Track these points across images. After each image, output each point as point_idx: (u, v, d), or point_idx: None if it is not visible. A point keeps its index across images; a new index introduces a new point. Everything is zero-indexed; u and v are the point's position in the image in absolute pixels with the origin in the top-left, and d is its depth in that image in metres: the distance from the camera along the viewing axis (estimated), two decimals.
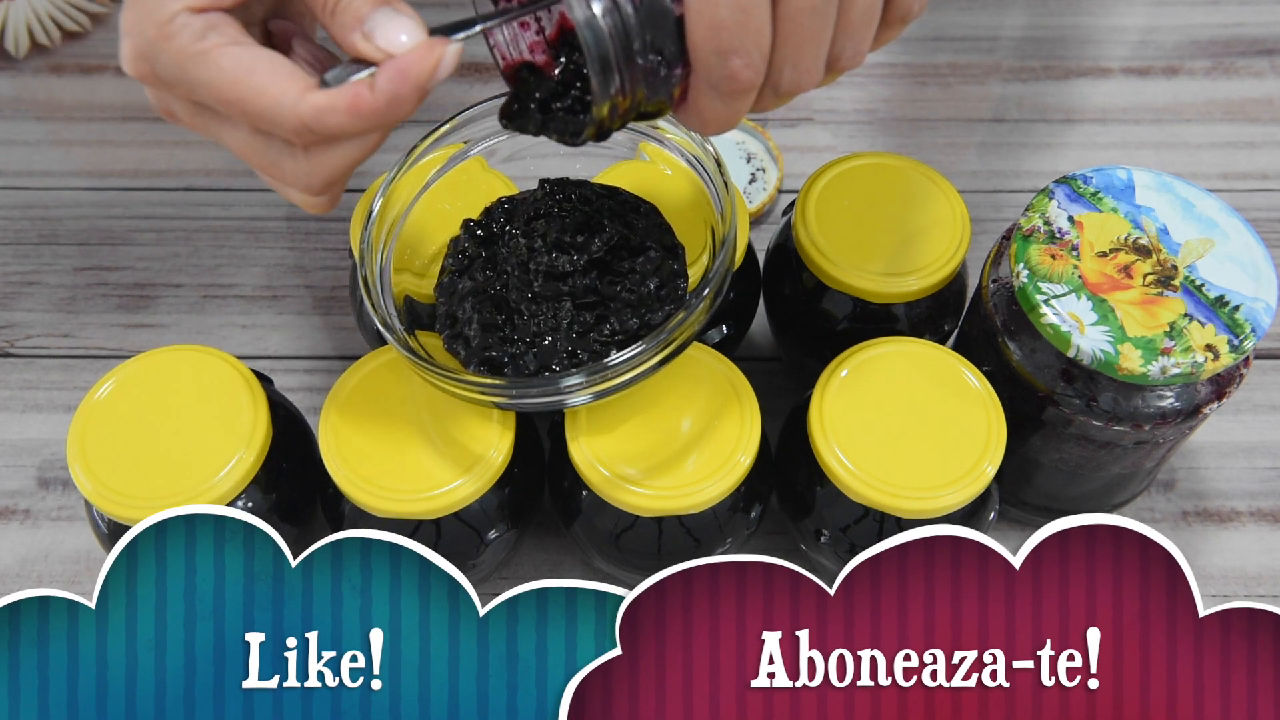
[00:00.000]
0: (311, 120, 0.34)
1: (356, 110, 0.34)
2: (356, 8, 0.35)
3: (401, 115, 0.35)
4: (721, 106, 0.35)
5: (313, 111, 0.34)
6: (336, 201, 0.39)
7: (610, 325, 0.44)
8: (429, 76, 0.34)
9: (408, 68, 0.34)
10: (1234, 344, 0.42)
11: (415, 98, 0.35)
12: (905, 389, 0.46)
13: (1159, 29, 0.75)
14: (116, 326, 0.62)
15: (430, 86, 0.35)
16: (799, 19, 0.33)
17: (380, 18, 0.35)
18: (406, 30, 0.35)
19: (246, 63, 0.34)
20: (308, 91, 0.34)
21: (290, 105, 0.34)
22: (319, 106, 0.34)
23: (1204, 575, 0.54)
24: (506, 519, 0.47)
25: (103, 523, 0.46)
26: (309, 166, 0.37)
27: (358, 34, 0.35)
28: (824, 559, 0.48)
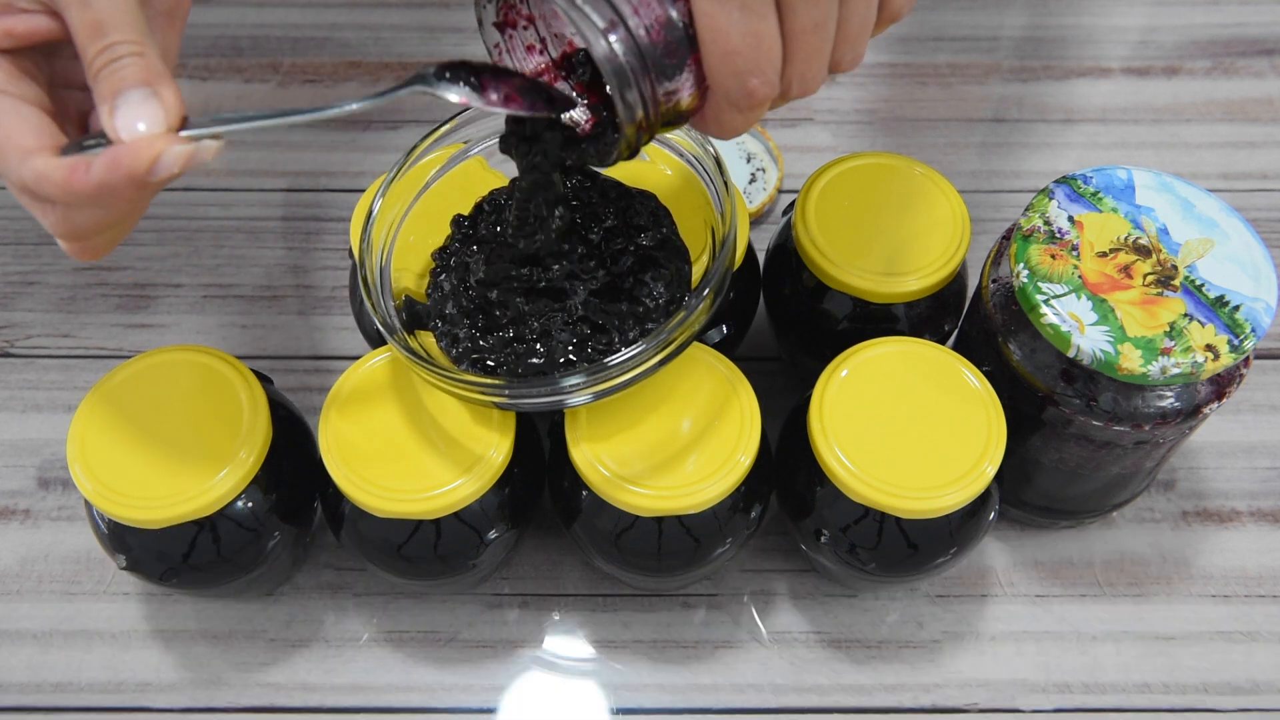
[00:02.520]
0: (32, 182, 0.34)
1: (69, 186, 0.33)
2: (117, 79, 0.34)
3: (119, 197, 0.34)
4: (740, 117, 0.36)
5: (31, 176, 0.34)
6: (100, 254, 0.38)
7: (609, 338, 0.44)
8: (144, 172, 0.33)
9: (119, 158, 0.33)
10: (1234, 344, 0.42)
11: (130, 188, 0.33)
12: (905, 389, 0.46)
13: (1159, 29, 0.75)
14: (116, 326, 0.62)
15: (151, 180, 0.34)
16: (805, 36, 0.35)
17: (130, 97, 0.34)
18: (147, 119, 0.33)
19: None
20: (37, 154, 0.34)
21: (14, 164, 0.34)
22: (37, 172, 0.34)
23: (1204, 575, 0.54)
24: (506, 519, 0.47)
25: (103, 523, 0.46)
26: (54, 218, 0.36)
27: (106, 107, 0.34)
28: (824, 559, 0.48)
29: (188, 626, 0.52)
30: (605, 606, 0.53)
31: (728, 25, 0.34)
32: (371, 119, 0.70)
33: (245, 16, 0.75)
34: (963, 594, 0.53)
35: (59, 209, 0.35)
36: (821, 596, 0.53)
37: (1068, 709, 0.50)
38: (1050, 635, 0.52)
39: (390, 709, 0.51)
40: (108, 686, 0.51)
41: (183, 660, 0.52)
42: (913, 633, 0.52)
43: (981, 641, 0.52)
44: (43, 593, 0.53)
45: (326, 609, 0.53)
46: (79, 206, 0.35)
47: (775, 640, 0.52)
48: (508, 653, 0.52)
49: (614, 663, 0.52)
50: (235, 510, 0.45)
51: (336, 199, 0.67)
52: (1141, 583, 0.54)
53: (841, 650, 0.52)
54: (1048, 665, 0.51)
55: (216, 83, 0.72)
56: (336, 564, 0.54)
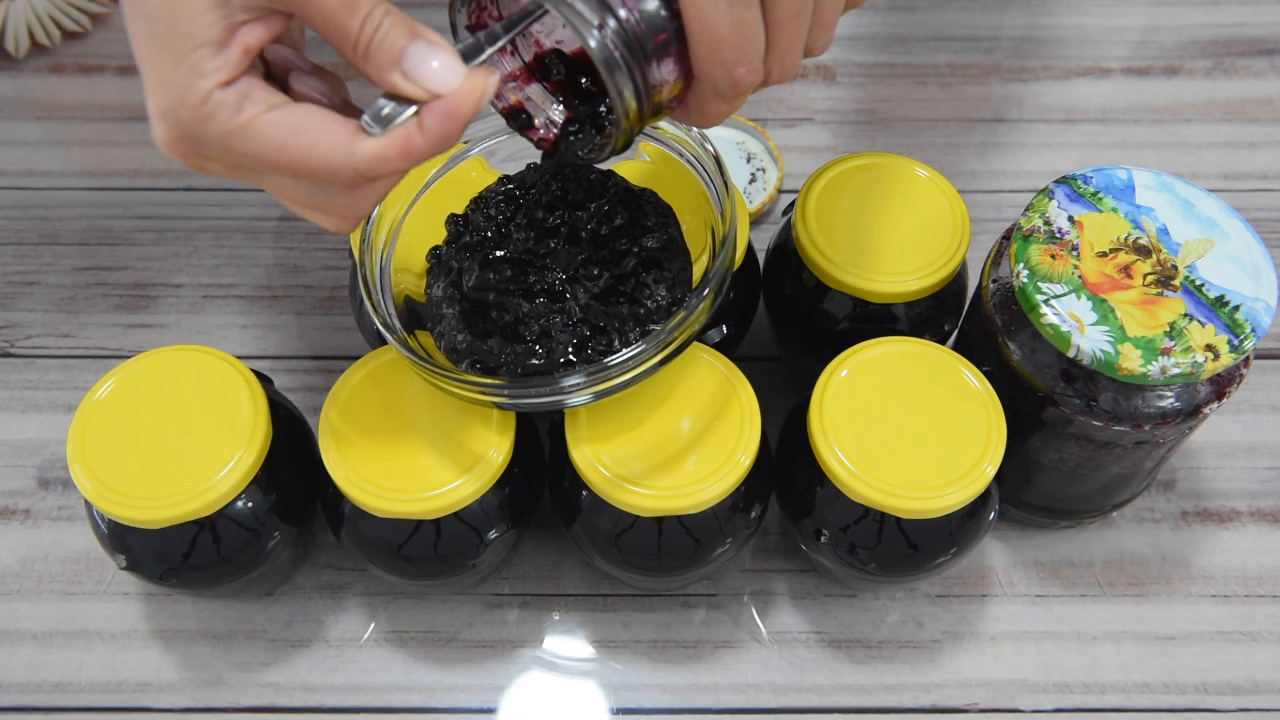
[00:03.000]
0: (366, 169, 0.35)
1: (409, 154, 0.35)
2: (390, 46, 0.34)
3: (450, 146, 0.35)
4: (724, 106, 0.37)
5: (367, 161, 0.34)
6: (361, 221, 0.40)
7: (610, 338, 0.44)
8: (475, 112, 0.35)
9: (455, 108, 0.34)
10: (1234, 344, 0.42)
11: (461, 133, 0.35)
12: (905, 389, 0.46)
13: (1159, 29, 0.75)
14: (116, 326, 0.62)
15: (473, 117, 0.35)
16: (787, 24, 0.35)
17: (416, 55, 0.34)
18: (443, 62, 0.35)
19: (289, 125, 0.34)
20: (356, 141, 0.34)
21: (343, 159, 0.34)
22: (372, 155, 0.34)
23: (1204, 575, 0.54)
24: (506, 519, 0.47)
25: (103, 523, 0.46)
26: (356, 200, 0.37)
27: (396, 73, 0.34)
28: (824, 559, 0.48)
29: (188, 626, 0.52)
30: (605, 606, 0.53)
31: (715, 16, 0.34)
32: None
33: None
34: (963, 594, 0.53)
35: (362, 192, 0.36)
36: (821, 596, 0.53)
37: (1068, 709, 0.50)
38: (1050, 635, 0.52)
39: (390, 709, 0.51)
40: (108, 686, 0.51)
41: (183, 660, 0.52)
42: (913, 633, 0.52)
43: (981, 641, 0.52)
44: (43, 593, 0.53)
45: (326, 609, 0.53)
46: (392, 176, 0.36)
47: (775, 640, 0.52)
48: (508, 653, 0.52)
49: (614, 663, 0.52)
50: (235, 510, 0.45)
51: None
52: (1141, 583, 0.54)
53: (841, 650, 0.52)
54: (1048, 665, 0.51)
55: None
56: (336, 564, 0.54)
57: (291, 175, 0.35)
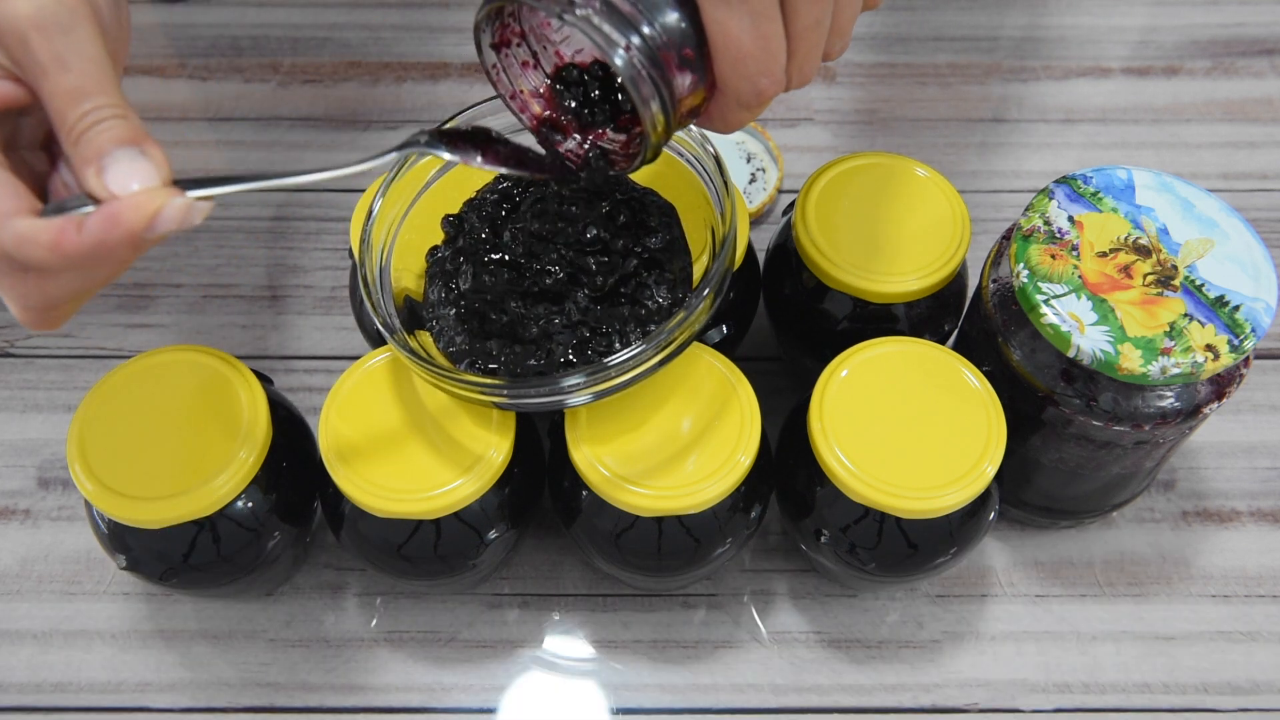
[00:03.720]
0: (12, 248, 0.32)
1: (59, 248, 0.32)
2: (100, 142, 0.33)
3: (114, 259, 0.33)
4: (746, 114, 0.38)
5: (13, 239, 0.32)
6: (59, 323, 0.37)
7: (610, 340, 0.44)
8: (143, 227, 0.32)
9: (119, 214, 0.32)
10: (1234, 344, 0.42)
11: (127, 247, 0.32)
12: (905, 389, 0.46)
13: (1159, 29, 0.75)
14: (116, 326, 0.62)
15: (147, 238, 0.33)
16: (807, 33, 0.36)
17: (119, 156, 0.32)
18: (140, 176, 0.32)
19: None
20: (17, 216, 0.32)
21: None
22: (20, 235, 0.32)
23: (1204, 575, 0.54)
24: (506, 519, 0.47)
25: (103, 523, 0.46)
26: (25, 288, 0.34)
27: (91, 169, 0.32)
28: (824, 559, 0.48)
29: (188, 626, 0.52)
30: (605, 606, 0.53)
31: (739, 31, 0.34)
32: (371, 119, 0.70)
33: (245, 16, 0.75)
34: (963, 594, 0.53)
35: (32, 279, 0.34)
36: (821, 596, 0.53)
37: (1068, 709, 0.50)
38: (1050, 635, 0.52)
39: (390, 709, 0.51)
40: (108, 686, 0.51)
41: (183, 660, 0.52)
42: (913, 633, 0.52)
43: (981, 641, 0.52)
44: (43, 593, 0.53)
45: (326, 609, 0.53)
46: (60, 271, 0.33)
47: (775, 640, 0.52)
48: (508, 653, 0.52)
49: (614, 663, 0.52)
50: (235, 510, 0.45)
51: (336, 199, 0.67)
52: (1141, 583, 0.54)
53: (841, 650, 0.52)
54: (1048, 665, 0.51)
55: (216, 83, 0.72)
56: (336, 564, 0.54)
57: None
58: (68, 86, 0.33)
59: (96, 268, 0.34)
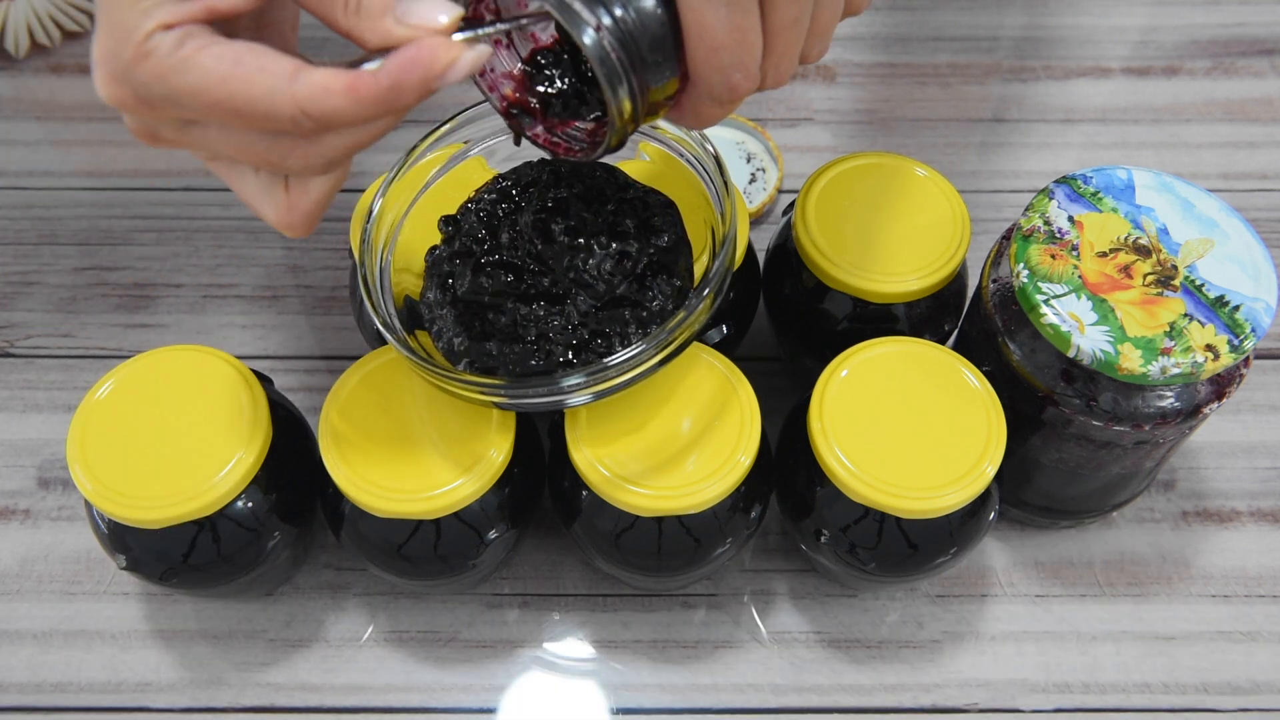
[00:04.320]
0: (307, 102, 0.32)
1: (355, 92, 0.32)
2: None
3: (403, 104, 0.33)
4: (719, 110, 0.37)
5: (308, 92, 0.32)
6: (313, 226, 0.38)
7: (610, 342, 0.44)
8: (438, 75, 0.33)
9: (417, 58, 0.32)
10: (1234, 344, 0.42)
11: (419, 90, 0.33)
12: (905, 389, 0.46)
13: (1159, 29, 0.75)
14: (116, 326, 0.62)
15: (437, 86, 0.33)
16: (784, 32, 0.35)
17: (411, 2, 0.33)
18: (442, 8, 0.33)
19: (230, 55, 0.32)
20: (301, 72, 0.32)
21: (284, 88, 0.32)
22: (315, 86, 0.32)
23: (1204, 575, 0.54)
24: (506, 519, 0.47)
25: (103, 523, 0.46)
26: (306, 156, 0.35)
27: (389, 19, 0.33)
28: (824, 559, 0.48)
29: (188, 626, 0.52)
30: (605, 606, 0.53)
31: (714, 21, 0.34)
32: None
33: None
34: (963, 594, 0.53)
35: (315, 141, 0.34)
36: (821, 596, 0.53)
37: (1068, 709, 0.50)
38: (1050, 635, 0.52)
39: (390, 709, 0.51)
40: (108, 686, 0.51)
41: (183, 660, 0.52)
42: (913, 633, 0.52)
43: (981, 641, 0.52)
44: (43, 593, 0.53)
45: (326, 609, 0.53)
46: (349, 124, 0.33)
47: (775, 640, 0.52)
48: (508, 653, 0.52)
49: (614, 663, 0.52)
50: (235, 510, 0.45)
51: (337, 199, 0.66)
52: (1141, 583, 0.54)
53: (841, 650, 0.52)
54: (1048, 665, 0.51)
55: None
56: (336, 564, 0.54)
57: (231, 113, 0.33)
58: None
59: (385, 115, 0.34)
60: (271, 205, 0.37)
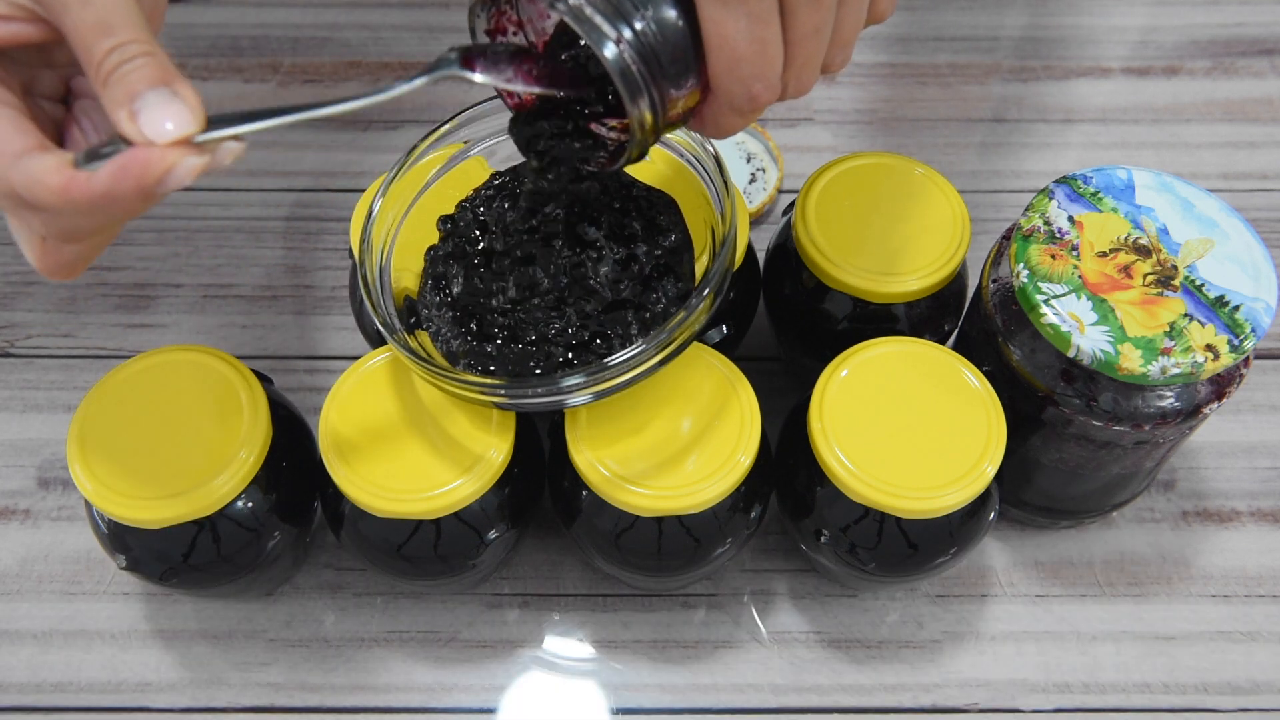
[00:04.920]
0: (21, 186, 0.32)
1: (67, 193, 0.32)
2: (130, 83, 0.32)
3: (122, 208, 0.32)
4: (739, 120, 0.37)
5: (23, 179, 0.32)
6: (76, 272, 0.37)
7: (610, 344, 0.44)
8: (154, 183, 0.31)
9: (129, 167, 0.31)
10: (1234, 344, 0.42)
11: (135, 197, 0.32)
12: (905, 389, 0.46)
13: (1159, 29, 0.75)
14: (116, 326, 0.62)
15: (159, 191, 0.32)
16: (805, 41, 0.35)
17: (151, 98, 0.32)
18: (174, 118, 0.32)
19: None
20: (27, 155, 0.32)
21: (3, 167, 0.32)
22: (30, 175, 0.32)
23: (1204, 575, 0.54)
24: (506, 519, 0.47)
25: (103, 523, 0.46)
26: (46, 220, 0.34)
27: (124, 111, 0.32)
28: (824, 559, 0.48)
29: (188, 626, 0.52)
30: (605, 606, 0.53)
31: (735, 32, 0.34)
32: (371, 119, 0.70)
33: (245, 16, 0.75)
34: (963, 594, 0.53)
35: (44, 216, 0.34)
36: (821, 596, 0.53)
37: (1068, 709, 0.50)
38: (1050, 635, 0.52)
39: (390, 709, 0.51)
40: (108, 686, 0.51)
41: (183, 660, 0.52)
42: (913, 633, 0.52)
43: (981, 641, 0.52)
44: (43, 593, 0.53)
45: (326, 609, 0.53)
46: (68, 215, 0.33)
47: (775, 640, 0.52)
48: (508, 653, 0.52)
49: (614, 663, 0.52)
50: (235, 510, 0.45)
51: (336, 199, 0.67)
52: (1141, 583, 0.54)
53: (841, 650, 0.52)
54: (1048, 665, 0.51)
55: (216, 83, 0.72)
56: (336, 564, 0.54)
57: None
58: (91, 20, 0.32)
59: (105, 215, 0.33)
60: (28, 250, 0.36)
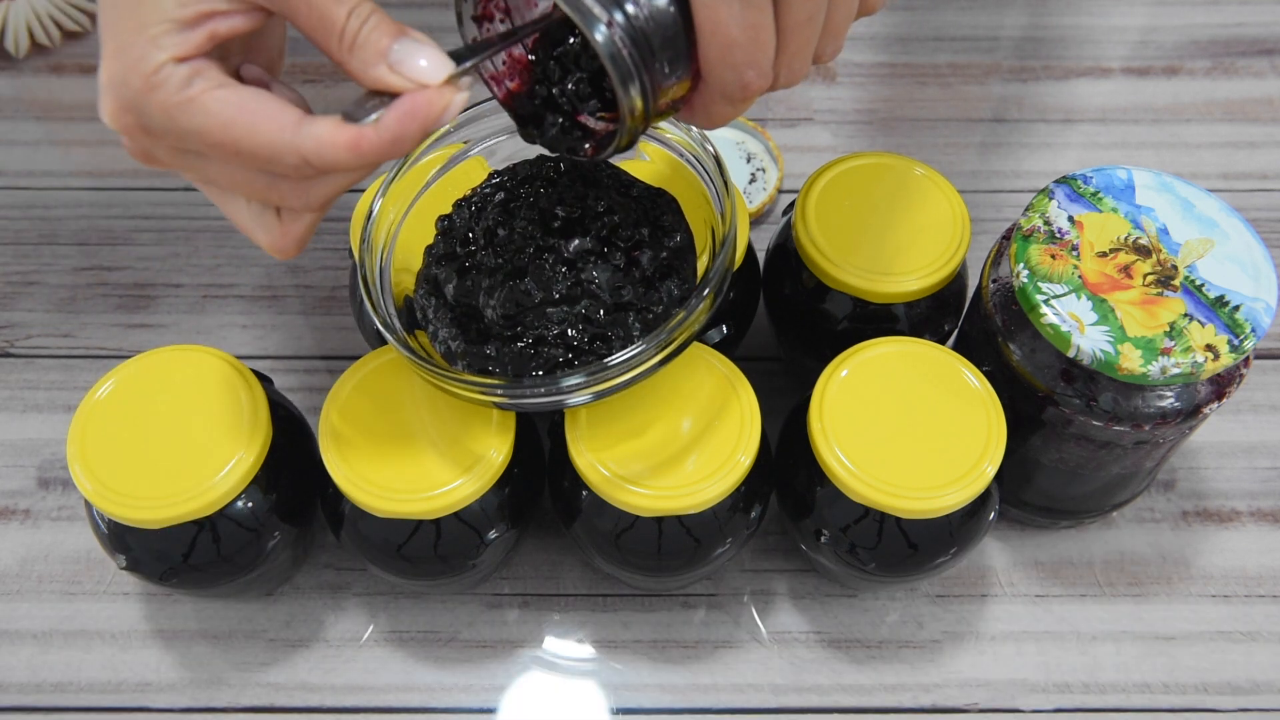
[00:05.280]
0: (311, 153, 0.34)
1: (356, 146, 0.34)
2: (377, 39, 0.34)
3: (404, 152, 0.35)
4: (731, 109, 0.37)
5: (313, 144, 0.34)
6: (303, 248, 0.39)
7: (610, 346, 0.44)
8: (436, 119, 0.34)
9: (414, 111, 0.34)
10: (1234, 344, 0.42)
11: (419, 139, 0.35)
12: (905, 389, 0.46)
13: (1159, 29, 0.75)
14: (116, 326, 0.62)
15: (436, 128, 0.35)
16: (798, 29, 0.35)
17: (403, 49, 0.34)
18: (429, 58, 0.34)
19: (235, 102, 0.34)
20: (304, 123, 0.34)
21: (288, 139, 0.34)
22: (319, 139, 0.34)
23: (1204, 575, 0.54)
24: (506, 519, 0.47)
25: (103, 523, 0.46)
26: (303, 195, 0.36)
27: (382, 66, 0.34)
28: (824, 559, 0.48)
29: (188, 626, 0.52)
30: (605, 606, 0.53)
31: (728, 18, 0.34)
32: None
33: None
34: (963, 594, 0.53)
35: (304, 185, 0.35)
36: (821, 596, 0.53)
37: (1068, 709, 0.50)
38: (1050, 635, 0.52)
39: (390, 709, 0.51)
40: (108, 686, 0.51)
41: (183, 660, 0.52)
42: (913, 633, 0.52)
43: (981, 641, 0.52)
44: (43, 593, 0.53)
45: (326, 609, 0.53)
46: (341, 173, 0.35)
47: (775, 640, 0.52)
48: (508, 653, 0.52)
49: (614, 663, 0.52)
50: (235, 510, 0.45)
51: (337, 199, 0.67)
52: (1141, 583, 0.54)
53: (841, 650, 0.52)
54: (1048, 665, 0.51)
55: None
56: (336, 564, 0.54)
57: (234, 155, 0.34)
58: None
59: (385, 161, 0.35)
60: (264, 232, 0.38)
